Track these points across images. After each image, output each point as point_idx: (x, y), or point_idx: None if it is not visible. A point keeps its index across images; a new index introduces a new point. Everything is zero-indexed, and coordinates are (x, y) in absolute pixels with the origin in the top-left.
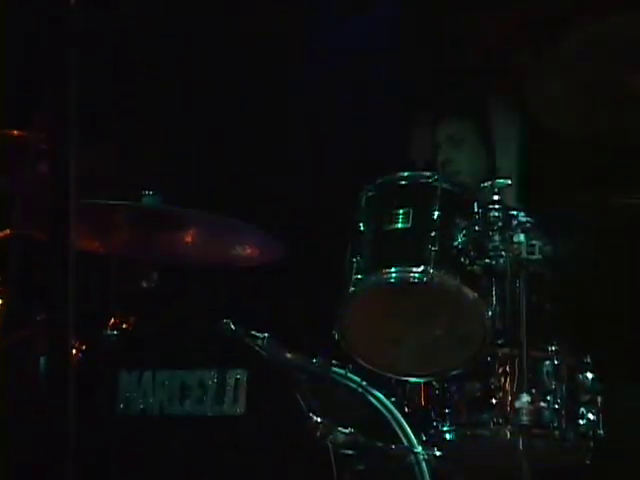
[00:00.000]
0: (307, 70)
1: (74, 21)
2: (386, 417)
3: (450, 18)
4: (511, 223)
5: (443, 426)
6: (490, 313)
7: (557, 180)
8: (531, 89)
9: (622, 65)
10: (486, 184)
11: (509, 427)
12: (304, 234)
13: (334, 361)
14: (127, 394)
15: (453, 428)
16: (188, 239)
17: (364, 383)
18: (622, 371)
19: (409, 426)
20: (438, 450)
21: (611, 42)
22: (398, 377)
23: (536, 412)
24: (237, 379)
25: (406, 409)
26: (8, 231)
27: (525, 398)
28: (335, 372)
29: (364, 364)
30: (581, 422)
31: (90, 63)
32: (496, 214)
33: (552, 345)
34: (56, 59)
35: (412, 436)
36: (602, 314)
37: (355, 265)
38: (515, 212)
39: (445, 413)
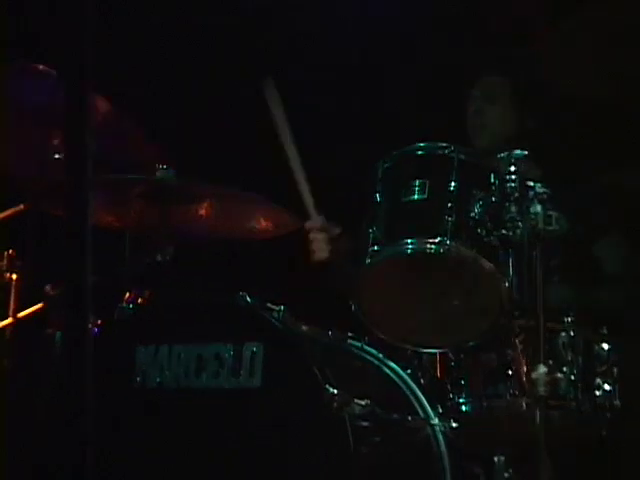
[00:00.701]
0: (325, 35)
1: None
2: (402, 389)
3: None
4: (528, 194)
5: (459, 398)
6: (507, 284)
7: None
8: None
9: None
10: (503, 155)
11: (525, 398)
12: (320, 205)
13: (350, 333)
14: (143, 368)
15: (469, 400)
16: (203, 212)
17: (380, 355)
18: (638, 341)
19: (425, 398)
20: (454, 422)
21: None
22: (414, 349)
23: (552, 383)
24: (253, 352)
25: (422, 381)
26: (23, 206)
27: (542, 369)
28: (351, 344)
29: (380, 336)
30: (597, 393)
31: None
32: (513, 185)
33: (568, 316)
34: (72, 30)
35: (428, 408)
36: (618, 285)
37: (371, 236)
38: (532, 183)
39: (461, 385)
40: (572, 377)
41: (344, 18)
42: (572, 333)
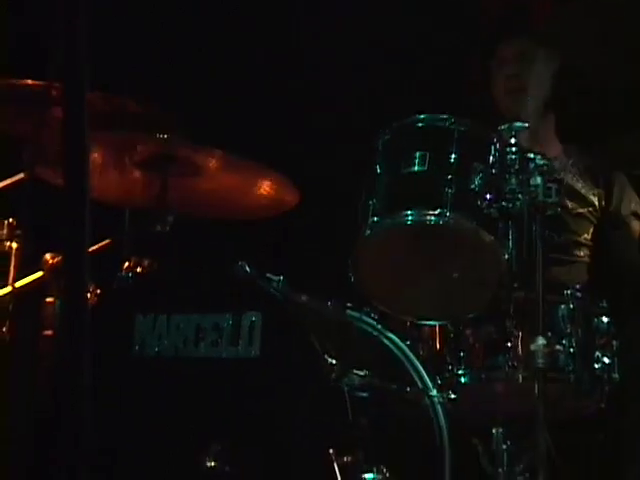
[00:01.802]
0: (329, 15)
1: None
2: (401, 360)
3: None
4: (528, 166)
5: (458, 369)
6: (506, 256)
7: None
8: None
9: None
10: (503, 127)
11: (524, 370)
12: (320, 176)
13: (349, 304)
14: (142, 337)
15: (468, 371)
16: (203, 183)
17: (379, 326)
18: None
19: (424, 369)
20: (453, 393)
21: None
22: (413, 320)
23: (551, 355)
24: (252, 321)
25: (421, 352)
26: (22, 175)
27: (540, 341)
28: (350, 315)
29: (379, 307)
30: (596, 366)
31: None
32: (513, 157)
33: (567, 289)
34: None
35: (427, 379)
36: (618, 260)
37: (371, 207)
38: (532, 155)
39: (460, 356)
40: (571, 350)
41: None
42: (572, 306)
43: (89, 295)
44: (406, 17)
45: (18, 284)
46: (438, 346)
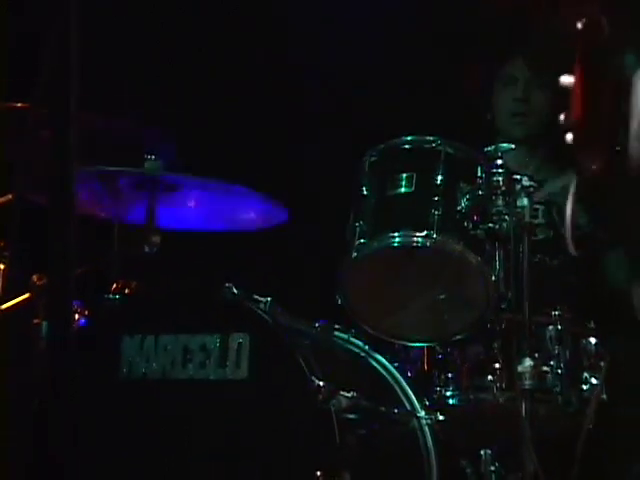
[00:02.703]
0: (314, 28)
1: None
2: (389, 381)
3: None
4: (514, 187)
5: (446, 390)
6: (493, 277)
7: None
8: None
9: None
10: (490, 148)
11: (512, 391)
12: (307, 198)
13: (337, 325)
14: (129, 359)
15: (456, 393)
16: (191, 204)
17: (367, 347)
18: (625, 336)
19: (412, 390)
20: (441, 414)
21: None
22: (401, 341)
23: (539, 376)
24: (239, 343)
25: (409, 373)
26: (10, 196)
27: (528, 362)
28: (338, 336)
29: (367, 328)
30: (584, 387)
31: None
32: (499, 178)
33: (556, 310)
34: (56, 23)
35: (415, 400)
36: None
37: (358, 229)
38: (518, 176)
39: (448, 377)
40: (559, 371)
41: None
42: (559, 327)
43: (76, 316)
44: (393, 36)
45: (5, 305)
46: (426, 367)
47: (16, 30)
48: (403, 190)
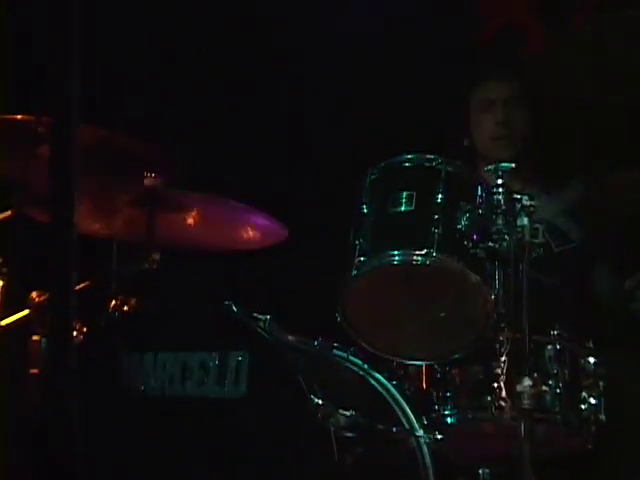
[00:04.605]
0: (314, 52)
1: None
2: (387, 400)
3: None
4: (514, 207)
5: (444, 409)
6: (493, 297)
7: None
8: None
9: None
10: (490, 167)
11: (511, 411)
12: (307, 216)
13: (336, 343)
14: (128, 375)
15: (455, 412)
16: (190, 221)
17: (366, 366)
18: (624, 355)
19: (410, 409)
20: (439, 433)
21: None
22: (400, 360)
23: (538, 396)
24: (239, 361)
25: (407, 392)
26: (10, 212)
27: (527, 382)
28: (337, 355)
29: (366, 347)
30: (583, 407)
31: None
32: (499, 197)
33: (554, 329)
34: (58, 39)
35: (413, 419)
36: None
37: (358, 247)
38: (519, 195)
39: (447, 396)
40: (557, 390)
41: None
42: (558, 346)
43: (75, 333)
44: (394, 54)
45: (4, 322)
46: (424, 386)
47: (17, 44)
48: (403, 208)
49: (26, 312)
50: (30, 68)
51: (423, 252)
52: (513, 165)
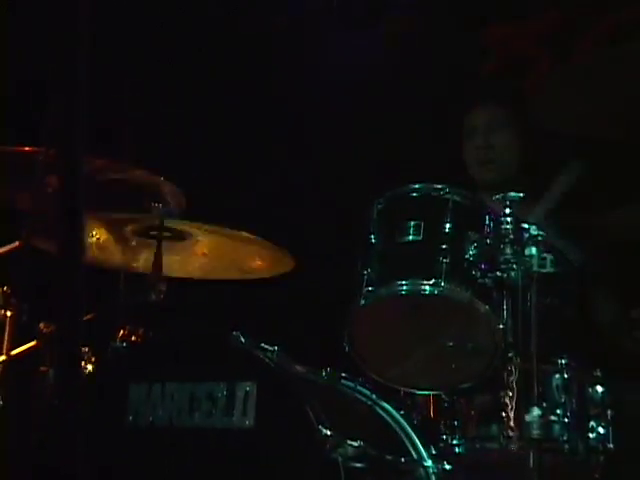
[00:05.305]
0: (317, 81)
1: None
2: (395, 430)
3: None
4: (522, 236)
5: (453, 439)
6: (501, 326)
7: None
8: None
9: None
10: (498, 196)
11: (519, 441)
12: (315, 246)
13: (344, 374)
14: (136, 406)
15: (463, 441)
16: (197, 251)
17: (374, 396)
18: (632, 383)
19: (418, 439)
20: (447, 463)
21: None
22: (408, 390)
23: (546, 426)
24: (246, 391)
25: (415, 422)
26: (18, 243)
27: (535, 412)
28: (344, 385)
29: (374, 377)
30: (591, 436)
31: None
32: (507, 227)
33: (562, 358)
34: (64, 72)
35: (422, 449)
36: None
37: (366, 277)
38: (527, 225)
39: (455, 426)
40: (565, 420)
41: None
42: (566, 375)
43: (83, 364)
44: (398, 83)
45: (13, 352)
46: (432, 415)
47: (21, 74)
48: (411, 238)
49: (34, 343)
50: (34, 98)
51: (431, 282)
52: (522, 195)
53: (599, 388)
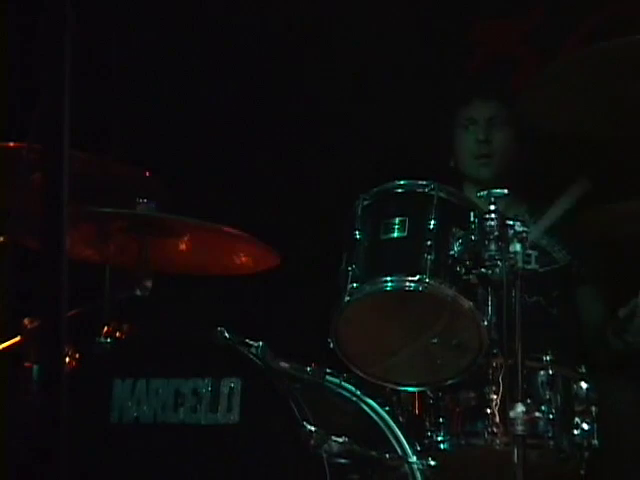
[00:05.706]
0: (302, 79)
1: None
2: (380, 426)
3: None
4: (507, 233)
5: (437, 436)
6: (486, 323)
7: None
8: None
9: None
10: (482, 193)
11: (504, 437)
12: (299, 242)
13: (328, 370)
14: (121, 402)
15: (447, 438)
16: (183, 247)
17: (358, 392)
18: (616, 380)
19: (403, 435)
20: (432, 460)
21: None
22: (393, 386)
23: (531, 422)
24: (231, 387)
25: (400, 418)
26: (1, 239)
27: (520, 408)
28: (329, 381)
29: (359, 373)
30: (576, 432)
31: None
32: (492, 224)
33: (547, 355)
34: (51, 68)
35: (406, 445)
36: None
37: (350, 274)
38: (511, 222)
39: (439, 422)
40: (550, 416)
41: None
42: (551, 372)
43: (67, 360)
44: (382, 79)
45: None
46: (417, 412)
47: (9, 72)
48: (396, 234)
49: (18, 339)
50: (20, 95)
51: (416, 278)
52: (506, 191)
53: (584, 385)
